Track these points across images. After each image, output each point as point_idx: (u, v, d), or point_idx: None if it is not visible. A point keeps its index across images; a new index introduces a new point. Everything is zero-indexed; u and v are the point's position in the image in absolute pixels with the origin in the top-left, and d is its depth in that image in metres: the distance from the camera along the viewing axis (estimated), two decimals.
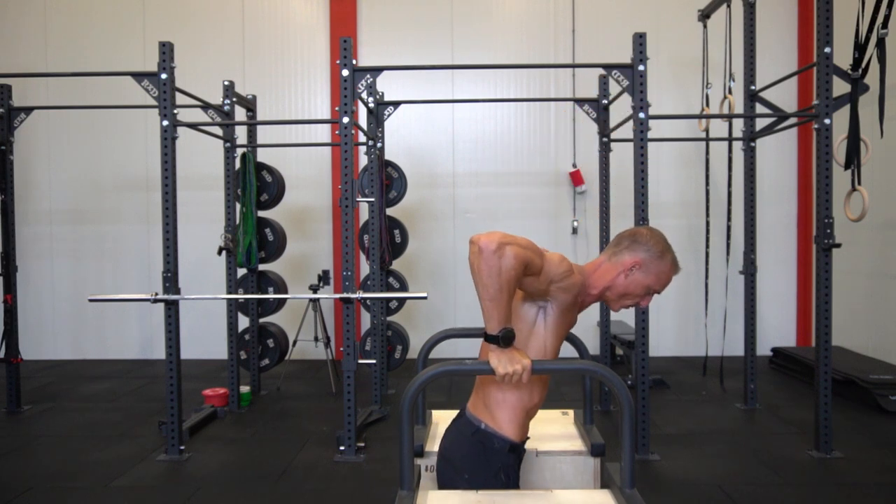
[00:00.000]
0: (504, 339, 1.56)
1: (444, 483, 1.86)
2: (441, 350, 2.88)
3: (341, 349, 5.09)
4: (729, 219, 5.46)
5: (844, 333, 5.92)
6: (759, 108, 4.83)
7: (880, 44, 3.91)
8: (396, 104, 5.19)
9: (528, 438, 1.93)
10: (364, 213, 6.30)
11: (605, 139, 4.90)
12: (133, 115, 6.67)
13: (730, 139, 5.26)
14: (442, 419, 2.40)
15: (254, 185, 5.13)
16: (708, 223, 5.80)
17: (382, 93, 5.29)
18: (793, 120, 4.87)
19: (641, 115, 3.83)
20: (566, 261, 1.73)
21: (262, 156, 5.70)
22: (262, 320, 5.52)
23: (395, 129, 6.56)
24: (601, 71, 4.72)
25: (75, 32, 6.87)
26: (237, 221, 5.12)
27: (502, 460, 1.79)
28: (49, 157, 6.92)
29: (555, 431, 2.30)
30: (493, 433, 1.79)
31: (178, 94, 4.12)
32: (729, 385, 5.44)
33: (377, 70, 4.02)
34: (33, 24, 6.88)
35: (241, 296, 5.18)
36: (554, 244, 6.74)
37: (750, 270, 4.78)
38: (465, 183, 6.88)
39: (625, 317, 6.40)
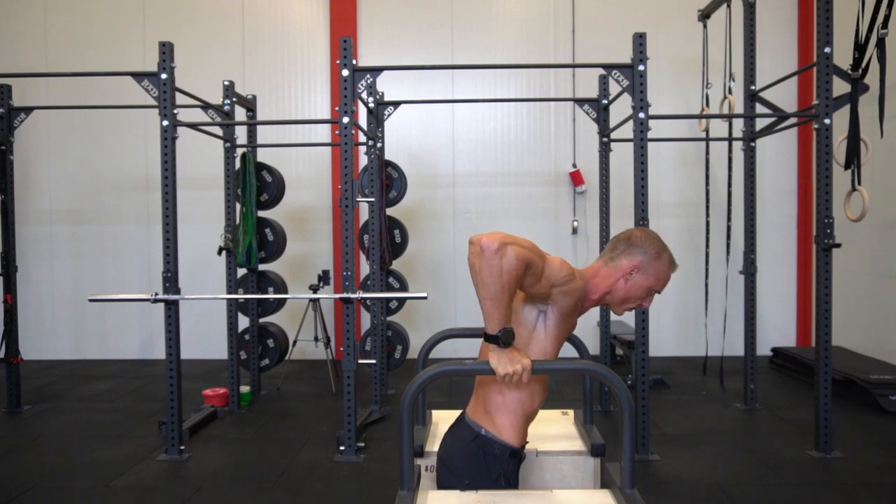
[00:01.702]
0: (504, 339, 1.56)
1: (445, 488, 1.86)
2: (441, 350, 2.88)
3: (341, 349, 5.09)
4: (729, 219, 5.46)
5: (844, 333, 5.92)
6: (759, 108, 4.83)
7: (880, 44, 3.91)
8: (396, 104, 5.19)
9: (527, 443, 1.93)
10: (364, 213, 6.30)
11: (605, 139, 4.90)
12: (133, 115, 6.67)
13: (730, 139, 5.26)
14: (442, 419, 2.40)
15: (254, 185, 5.13)
16: (708, 223, 5.80)
17: (382, 93, 5.29)
18: (793, 120, 4.87)
19: (641, 115, 3.83)
20: (567, 265, 1.73)
21: (262, 156, 5.70)
22: (262, 320, 5.52)
23: (395, 129, 6.56)
24: (601, 71, 4.72)
25: (75, 32, 6.87)
26: (237, 221, 5.12)
27: (502, 466, 1.78)
28: (49, 157, 6.92)
29: (555, 431, 2.30)
30: (493, 439, 1.78)
31: (178, 94, 4.12)
32: (729, 385, 5.44)
33: (377, 70, 4.02)
34: (33, 24, 6.87)
35: (241, 296, 5.18)
36: (554, 244, 6.74)
37: (750, 270, 4.78)
38: (465, 183, 6.88)
39: (625, 317, 6.39)
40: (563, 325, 1.79)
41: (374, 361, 4.71)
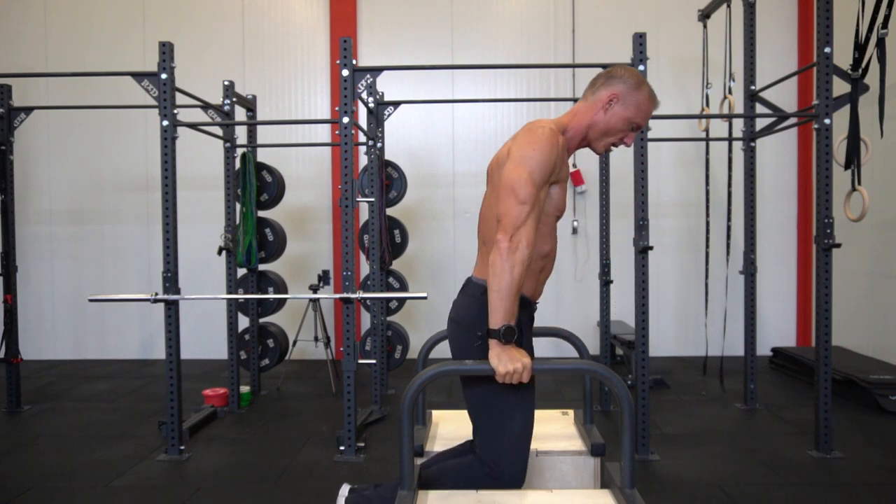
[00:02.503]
0: (505, 336, 1.56)
1: (457, 347, 1.84)
2: (441, 350, 2.88)
3: (341, 349, 5.09)
4: (729, 219, 5.46)
5: (844, 333, 5.92)
6: (759, 108, 4.83)
7: (880, 44, 3.91)
8: (396, 104, 5.19)
9: (539, 298, 1.94)
10: (364, 213, 6.30)
11: None
12: (133, 115, 6.67)
13: (730, 139, 5.26)
14: (442, 419, 2.40)
15: (254, 185, 5.13)
16: (708, 223, 5.80)
17: (382, 93, 5.29)
18: (793, 120, 4.87)
19: None
20: (543, 135, 1.75)
21: (262, 156, 5.70)
22: (262, 320, 5.52)
23: (395, 129, 6.56)
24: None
25: (75, 32, 6.87)
26: (237, 221, 5.12)
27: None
28: (49, 157, 6.92)
29: (555, 431, 2.30)
30: None
31: (178, 94, 4.12)
32: (729, 385, 5.44)
33: (377, 70, 4.02)
34: (33, 24, 6.87)
35: (241, 296, 5.18)
36: None
37: (750, 270, 4.78)
38: (465, 183, 6.88)
39: (625, 317, 6.40)
40: (561, 180, 1.84)
41: (374, 361, 4.70)
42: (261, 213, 5.37)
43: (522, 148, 1.72)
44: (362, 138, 5.16)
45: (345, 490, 2.17)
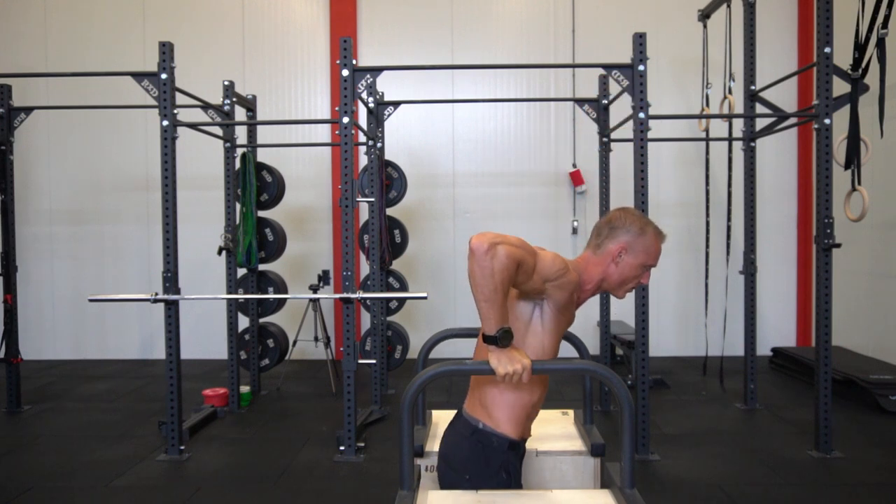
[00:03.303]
0: (502, 339, 1.56)
1: (447, 486, 1.86)
2: (441, 350, 2.88)
3: (341, 349, 5.09)
4: (729, 219, 5.46)
5: (844, 333, 5.92)
6: (759, 108, 4.83)
7: (880, 44, 3.91)
8: (396, 104, 5.19)
9: (528, 437, 1.93)
10: (364, 213, 6.30)
11: (605, 139, 4.90)
12: (133, 115, 6.67)
13: (730, 139, 5.26)
14: (442, 419, 2.39)
15: (254, 185, 5.13)
16: (708, 223, 5.80)
17: (382, 93, 5.29)
18: (793, 120, 4.87)
19: (641, 115, 3.83)
20: (560, 259, 1.73)
21: (262, 156, 5.70)
22: (262, 320, 5.52)
23: (395, 129, 6.56)
24: (601, 71, 4.72)
25: (75, 32, 6.87)
26: (237, 221, 5.12)
27: (502, 458, 1.78)
28: (49, 157, 6.92)
29: (555, 431, 2.30)
30: (491, 432, 1.78)
31: (178, 94, 4.12)
32: (729, 385, 5.44)
33: (377, 70, 4.02)
34: (33, 24, 6.87)
35: (241, 296, 5.18)
36: (554, 244, 6.72)
37: (750, 270, 4.78)
38: (465, 183, 6.88)
39: (625, 317, 6.39)
40: (560, 318, 1.78)
41: (374, 361, 4.71)
42: (261, 213, 5.37)
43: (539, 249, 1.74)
44: (362, 138, 5.16)
45: None
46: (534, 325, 1.77)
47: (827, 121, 3.83)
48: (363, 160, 5.81)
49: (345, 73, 3.86)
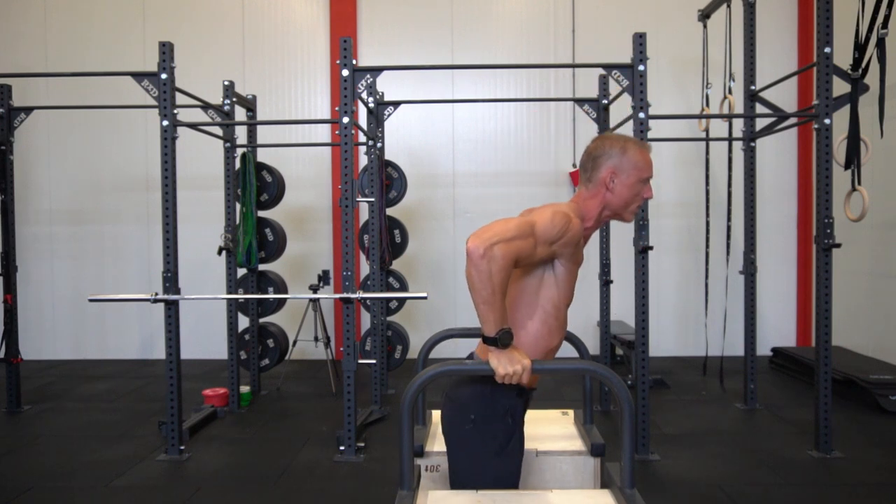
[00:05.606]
0: (502, 341, 1.56)
1: (449, 425, 1.83)
2: (441, 350, 2.88)
3: (341, 349, 5.09)
4: (729, 219, 5.46)
5: (844, 333, 5.92)
6: (759, 108, 4.83)
7: (880, 44, 3.91)
8: (396, 104, 5.19)
9: (535, 389, 1.93)
10: (364, 213, 6.30)
11: None
12: (133, 115, 6.67)
13: (730, 139, 5.26)
14: None
15: (254, 185, 5.13)
16: (708, 223, 5.80)
17: (382, 93, 5.29)
18: (793, 120, 4.87)
19: (641, 115, 3.83)
20: (557, 213, 1.72)
21: (262, 156, 5.70)
22: (262, 320, 5.52)
23: (395, 129, 6.56)
24: (601, 71, 4.72)
25: (75, 32, 6.87)
26: (237, 221, 5.12)
27: (510, 402, 1.78)
28: (49, 157, 6.92)
29: (555, 431, 2.30)
30: None
31: (178, 94, 4.12)
32: (729, 385, 5.44)
33: (377, 70, 4.02)
34: (33, 24, 6.87)
35: (241, 296, 5.18)
36: None
37: (750, 270, 4.78)
38: (465, 183, 6.88)
39: (625, 317, 6.40)
40: (571, 266, 1.80)
41: (374, 361, 4.71)
42: (261, 213, 5.37)
43: (537, 212, 1.75)
44: (362, 138, 5.16)
45: None
46: (546, 280, 1.79)
47: (827, 121, 3.83)
48: (363, 160, 5.81)
49: (345, 73, 3.86)
